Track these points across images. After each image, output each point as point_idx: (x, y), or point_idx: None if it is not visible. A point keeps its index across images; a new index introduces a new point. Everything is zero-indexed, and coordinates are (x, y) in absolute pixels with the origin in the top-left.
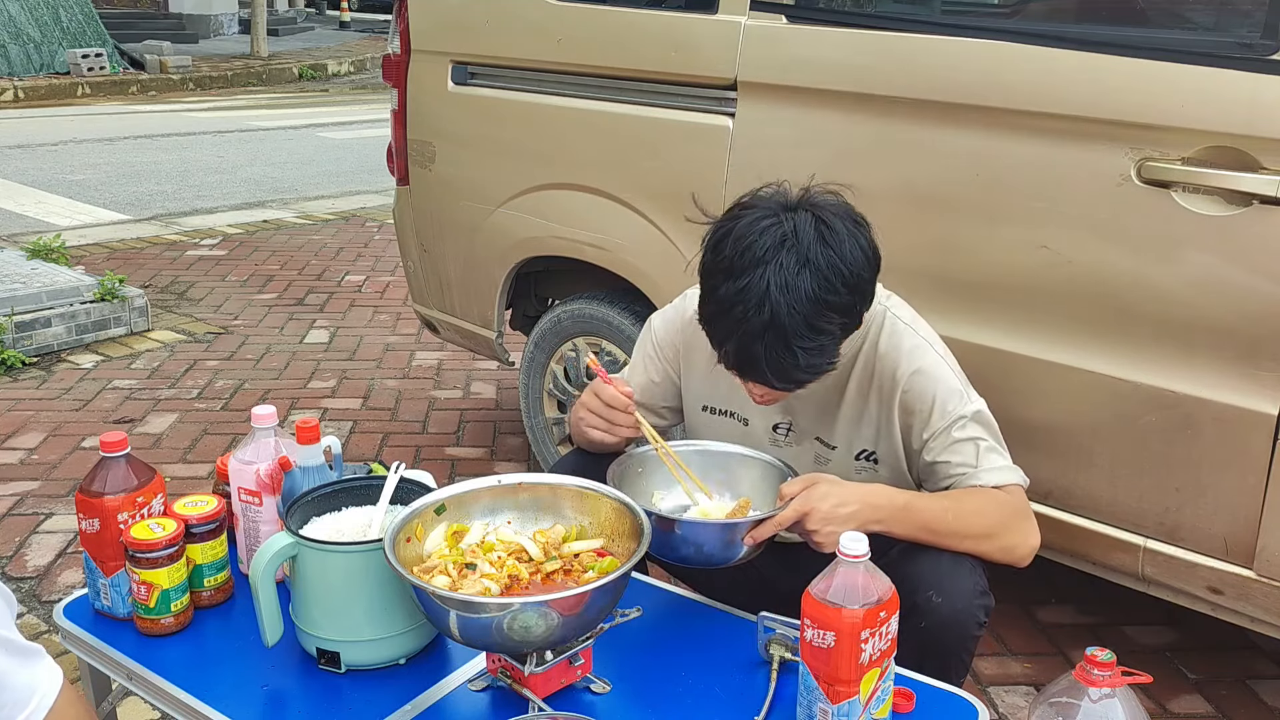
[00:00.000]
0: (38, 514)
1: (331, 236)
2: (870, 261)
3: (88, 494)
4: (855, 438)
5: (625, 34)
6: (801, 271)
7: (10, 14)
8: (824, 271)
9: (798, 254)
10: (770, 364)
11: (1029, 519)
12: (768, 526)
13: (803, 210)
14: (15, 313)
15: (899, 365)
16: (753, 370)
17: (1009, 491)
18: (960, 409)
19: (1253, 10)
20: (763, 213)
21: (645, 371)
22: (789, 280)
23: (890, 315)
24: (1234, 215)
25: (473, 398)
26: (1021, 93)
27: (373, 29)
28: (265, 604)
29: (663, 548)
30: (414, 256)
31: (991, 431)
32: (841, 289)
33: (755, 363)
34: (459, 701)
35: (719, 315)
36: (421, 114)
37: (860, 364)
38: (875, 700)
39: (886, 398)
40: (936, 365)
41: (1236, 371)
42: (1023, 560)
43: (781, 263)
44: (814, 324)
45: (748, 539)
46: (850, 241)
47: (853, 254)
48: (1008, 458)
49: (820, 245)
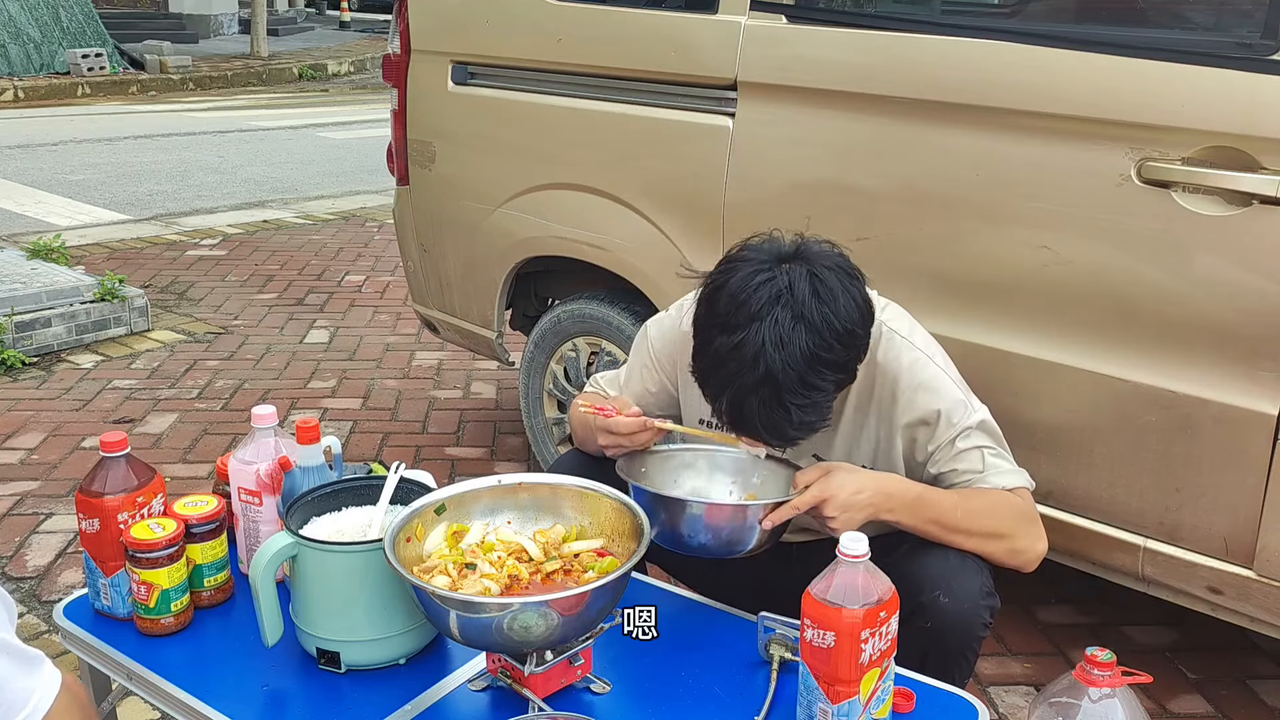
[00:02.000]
0: (38, 514)
1: (331, 236)
2: (864, 316)
3: (88, 494)
4: (853, 454)
5: (625, 34)
6: (796, 327)
7: (10, 14)
8: (818, 328)
9: (792, 310)
10: (764, 420)
11: (1036, 524)
12: (785, 510)
13: (797, 263)
14: (15, 313)
15: (899, 381)
16: (746, 426)
17: (1018, 494)
18: (965, 420)
19: (1253, 10)
20: (756, 267)
21: (642, 381)
22: (784, 336)
23: (887, 329)
24: (1234, 215)
25: (473, 398)
26: (1021, 93)
27: (373, 29)
28: (265, 604)
29: (675, 536)
30: (414, 256)
31: (996, 439)
32: (836, 345)
33: (749, 419)
34: (459, 701)
35: (713, 370)
36: (421, 114)
37: (859, 381)
38: (875, 700)
39: (886, 414)
40: (938, 378)
41: (1236, 371)
42: (1028, 565)
43: (776, 318)
44: (808, 381)
45: (766, 522)
46: (845, 296)
47: (847, 309)
48: (1013, 463)
49: (815, 301)
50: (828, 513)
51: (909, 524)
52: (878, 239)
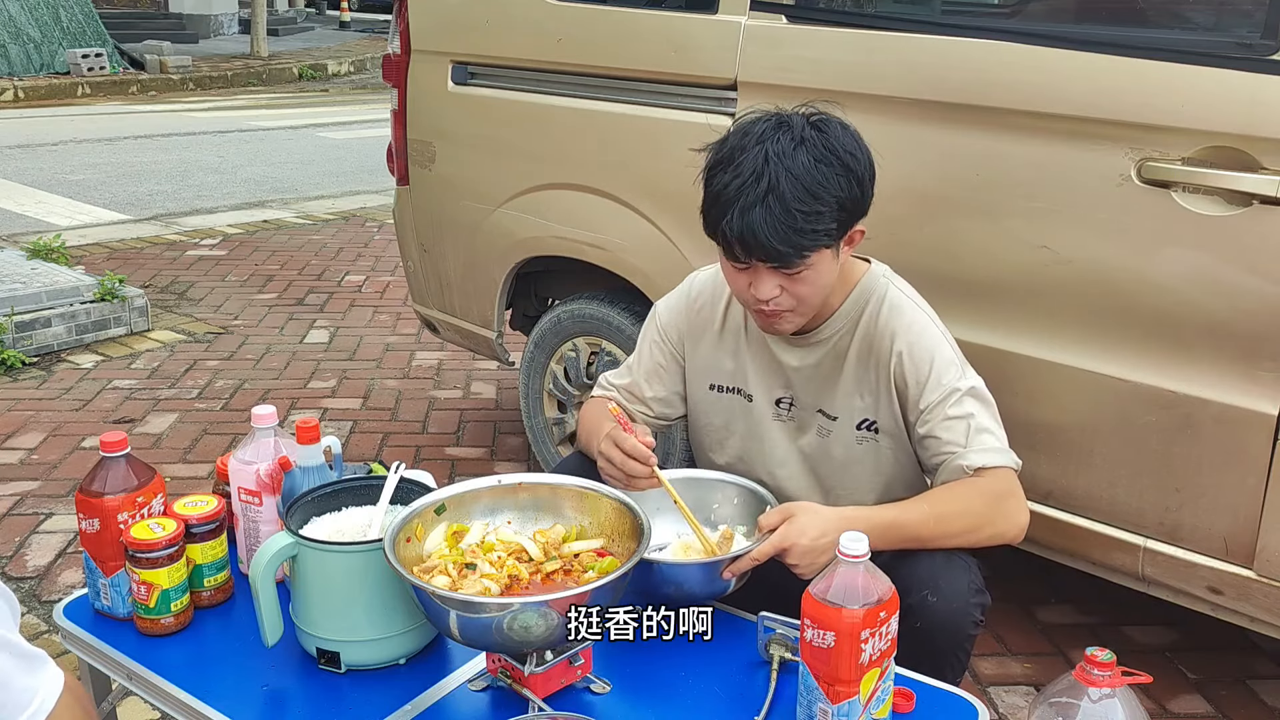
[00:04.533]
0: (38, 514)
1: (331, 236)
2: (861, 150)
3: (88, 494)
4: (856, 407)
5: (625, 34)
6: (798, 148)
7: (10, 14)
8: (819, 148)
9: (792, 135)
10: (769, 225)
11: (1014, 499)
12: (744, 562)
13: (797, 114)
14: (15, 313)
15: (896, 334)
16: (752, 237)
17: (994, 475)
18: (956, 382)
19: (1253, 10)
20: (759, 114)
21: (651, 356)
22: (785, 151)
23: (892, 288)
24: (1234, 215)
25: (473, 398)
26: (1021, 93)
27: (373, 29)
28: (265, 604)
29: (646, 588)
30: (414, 256)
31: (987, 408)
32: (835, 163)
33: (755, 230)
34: (459, 701)
35: (719, 196)
36: (421, 114)
37: (860, 333)
38: (875, 700)
39: (884, 366)
40: (934, 337)
41: (1236, 371)
42: (1013, 540)
43: (778, 139)
44: (811, 190)
45: (726, 573)
46: (843, 133)
47: (846, 140)
48: (1001, 437)
49: (814, 130)
50: (790, 560)
51: (886, 549)
52: (878, 239)
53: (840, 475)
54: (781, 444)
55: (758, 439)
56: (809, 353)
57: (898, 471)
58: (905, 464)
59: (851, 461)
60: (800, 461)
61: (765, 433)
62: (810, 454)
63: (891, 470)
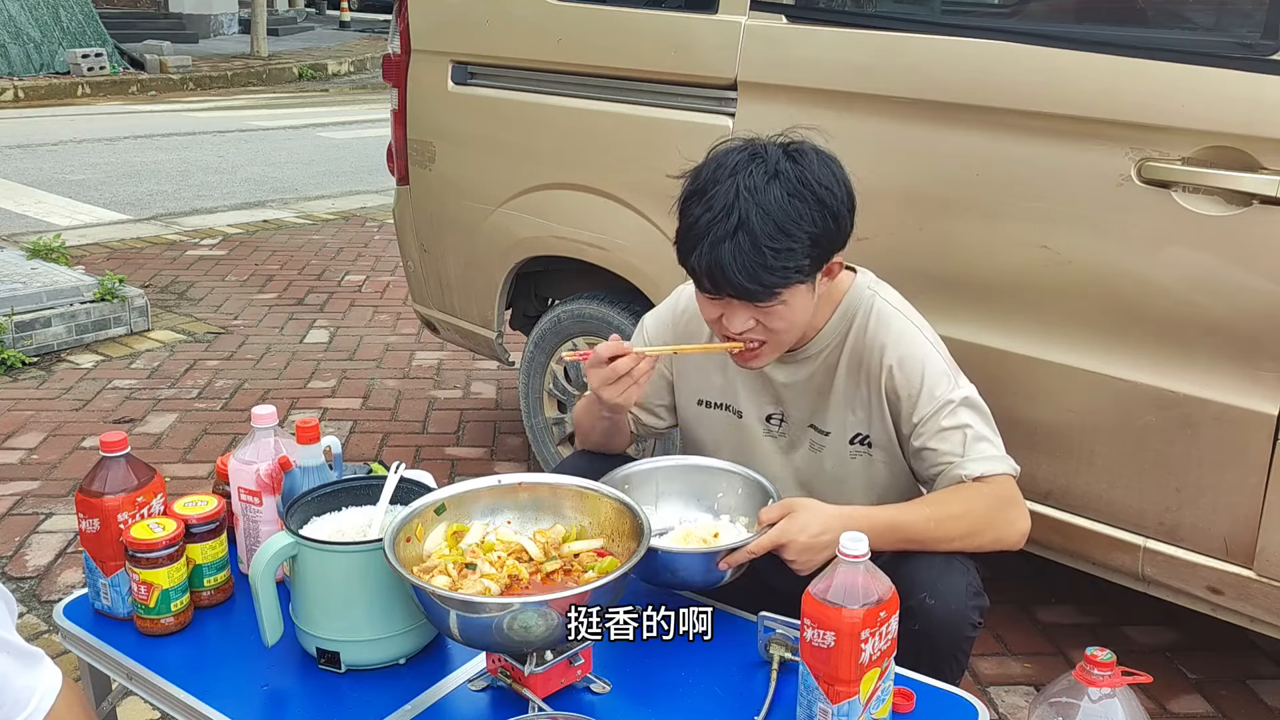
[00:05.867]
0: (38, 514)
1: (331, 236)
2: (839, 182)
3: (88, 494)
4: (848, 422)
5: (625, 34)
6: (771, 182)
7: (10, 14)
8: (792, 181)
9: (766, 168)
10: (739, 261)
11: (1015, 506)
12: (741, 554)
13: (772, 144)
14: (15, 313)
15: (886, 348)
16: (720, 273)
17: (994, 482)
18: (948, 393)
19: (1253, 10)
20: (734, 145)
21: None
22: (757, 185)
23: (879, 299)
24: (1234, 215)
25: (473, 398)
26: (1021, 93)
27: (373, 29)
28: (265, 604)
29: (642, 573)
30: (414, 256)
31: (982, 417)
32: (809, 198)
33: (723, 265)
34: (459, 701)
35: (690, 228)
36: (421, 114)
37: (849, 347)
38: (875, 700)
39: (875, 380)
40: (923, 348)
41: (1236, 371)
42: (1014, 546)
43: (751, 172)
44: (783, 227)
45: (723, 564)
46: (819, 163)
47: (822, 172)
48: (998, 444)
49: (789, 162)
50: (787, 557)
51: (885, 549)
52: (878, 239)
53: (833, 489)
54: (774, 460)
55: (748, 455)
56: (798, 369)
57: (891, 483)
58: (898, 477)
59: (844, 476)
60: (792, 476)
61: (756, 449)
62: (802, 469)
63: (885, 483)
